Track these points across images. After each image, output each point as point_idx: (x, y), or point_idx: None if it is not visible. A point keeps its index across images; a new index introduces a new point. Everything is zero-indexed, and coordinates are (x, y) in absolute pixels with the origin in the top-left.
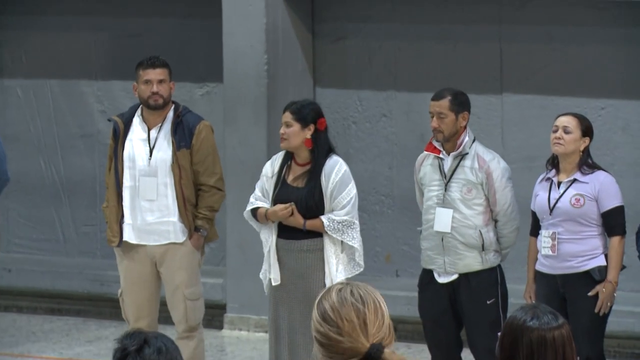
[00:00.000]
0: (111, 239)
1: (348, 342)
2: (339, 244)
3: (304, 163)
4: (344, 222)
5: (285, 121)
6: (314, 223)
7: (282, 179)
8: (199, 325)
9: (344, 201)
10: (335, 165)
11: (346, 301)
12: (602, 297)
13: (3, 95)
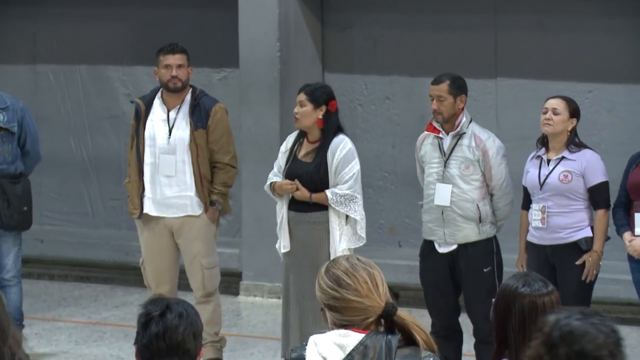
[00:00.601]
0: (132, 211)
1: (367, 302)
2: (343, 217)
3: (315, 141)
4: (347, 195)
5: (299, 101)
6: (319, 196)
7: (294, 154)
8: (216, 291)
9: (346, 176)
10: (340, 142)
11: (357, 266)
12: (589, 266)
13: (36, 80)
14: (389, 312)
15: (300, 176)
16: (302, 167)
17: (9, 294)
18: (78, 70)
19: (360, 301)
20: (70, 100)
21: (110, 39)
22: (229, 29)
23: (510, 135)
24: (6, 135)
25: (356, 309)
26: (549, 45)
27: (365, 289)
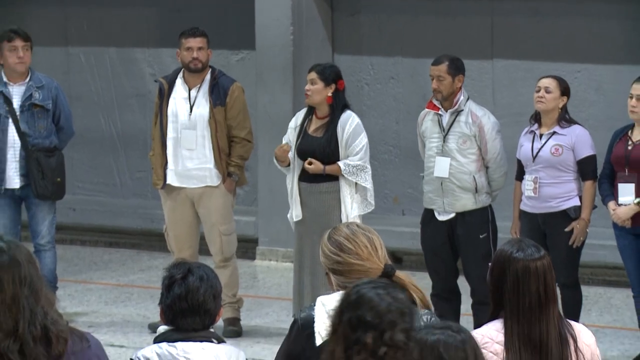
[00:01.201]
0: (156, 182)
1: (368, 264)
2: (353, 185)
3: (324, 116)
4: (358, 166)
5: (310, 79)
6: (333, 168)
7: (304, 130)
8: (233, 256)
9: (357, 148)
10: (348, 118)
11: (357, 232)
12: (576, 232)
13: (68, 61)
14: (388, 272)
15: (314, 150)
16: (314, 142)
17: (44, 258)
18: (107, 52)
19: (361, 264)
20: (100, 79)
21: (137, 23)
22: (246, 14)
23: (505, 112)
24: (41, 112)
25: (358, 271)
26: (541, 29)
27: (366, 252)
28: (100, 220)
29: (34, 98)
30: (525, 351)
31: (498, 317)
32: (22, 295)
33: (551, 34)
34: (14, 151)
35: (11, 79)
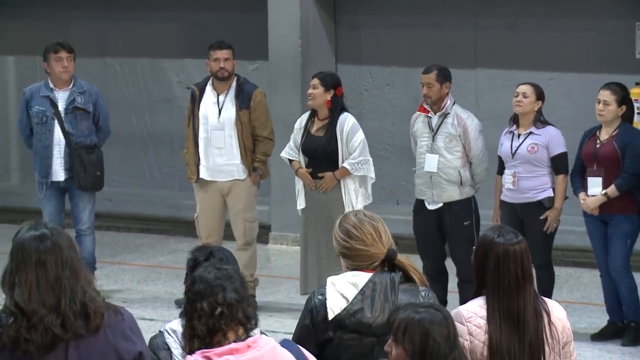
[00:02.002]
0: (190, 177)
1: (372, 250)
2: (357, 180)
3: (324, 118)
4: (361, 161)
5: (313, 84)
6: (342, 172)
7: (308, 130)
8: (254, 241)
9: (355, 144)
10: (346, 119)
11: (363, 221)
12: (550, 220)
13: (105, 70)
14: (390, 257)
15: (316, 148)
16: (316, 141)
17: (84, 243)
18: (139, 63)
19: (366, 249)
20: (132, 86)
21: (165, 37)
22: (261, 29)
23: (487, 115)
24: (83, 114)
25: (363, 255)
26: (518, 42)
27: (370, 239)
28: (133, 209)
29: (76, 102)
30: (504, 324)
31: (481, 294)
32: (63, 276)
33: (527, 46)
34: (59, 148)
35: (57, 85)
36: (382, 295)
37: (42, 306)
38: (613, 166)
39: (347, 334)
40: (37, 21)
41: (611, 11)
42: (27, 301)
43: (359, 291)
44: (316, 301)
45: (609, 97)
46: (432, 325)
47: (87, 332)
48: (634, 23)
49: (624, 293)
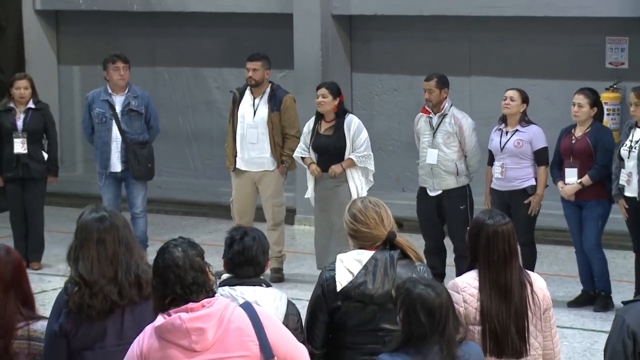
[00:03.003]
0: (228, 166)
1: (375, 232)
2: (360, 171)
3: (331, 120)
4: (365, 155)
5: (322, 94)
6: (348, 163)
7: (316, 131)
8: (282, 222)
9: (361, 141)
10: (352, 119)
11: (368, 207)
12: (533, 204)
13: (155, 77)
14: (391, 238)
15: (327, 146)
16: (326, 139)
17: (138, 224)
18: (184, 71)
19: (369, 232)
20: (178, 91)
21: (206, 49)
22: (287, 43)
23: (480, 115)
24: (136, 115)
25: (367, 236)
26: (506, 53)
27: (373, 223)
28: (179, 196)
29: (131, 105)
30: (494, 293)
31: (474, 268)
32: (120, 251)
33: (513, 57)
34: (117, 144)
35: (114, 91)
36: (382, 270)
37: (102, 277)
38: (587, 159)
39: (352, 303)
40: (98, 36)
41: (584, 28)
42: (89, 273)
43: (363, 267)
44: (327, 275)
45: (582, 100)
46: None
47: (140, 299)
48: (604, 38)
49: (595, 267)
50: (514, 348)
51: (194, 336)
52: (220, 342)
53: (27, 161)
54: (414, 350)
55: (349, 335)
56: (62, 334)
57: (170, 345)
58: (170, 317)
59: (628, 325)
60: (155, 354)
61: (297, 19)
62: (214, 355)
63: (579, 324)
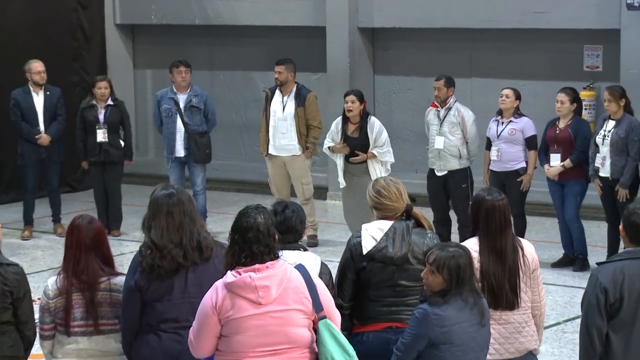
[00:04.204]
0: (262, 152)
1: (396, 204)
2: (380, 163)
3: (355, 123)
4: (385, 150)
5: (351, 100)
6: (371, 155)
7: (345, 133)
8: (311, 197)
9: (382, 140)
10: (374, 122)
11: (390, 184)
12: (524, 182)
13: (213, 79)
14: (408, 210)
15: (355, 146)
16: (354, 140)
17: (198, 199)
18: (236, 74)
19: (392, 204)
20: (231, 90)
21: (254, 55)
22: (321, 50)
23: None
24: (197, 110)
25: (390, 208)
26: (501, 59)
27: (395, 197)
28: (232, 176)
29: (192, 102)
30: (491, 256)
31: (475, 235)
32: (185, 221)
33: (507, 62)
34: (181, 134)
35: (178, 90)
36: (400, 237)
37: (170, 242)
38: (568, 146)
39: (376, 264)
40: (166, 45)
41: (566, 38)
42: (159, 239)
43: (384, 234)
44: (354, 241)
45: (564, 97)
46: (461, 259)
47: (200, 261)
48: (582, 46)
49: (575, 234)
50: (508, 301)
51: (261, 292)
52: (281, 297)
53: (107, 148)
54: (452, 301)
55: (372, 290)
56: (137, 288)
57: (240, 298)
58: (241, 275)
59: (601, 282)
60: (227, 305)
61: (329, 31)
62: (275, 308)
63: (561, 282)
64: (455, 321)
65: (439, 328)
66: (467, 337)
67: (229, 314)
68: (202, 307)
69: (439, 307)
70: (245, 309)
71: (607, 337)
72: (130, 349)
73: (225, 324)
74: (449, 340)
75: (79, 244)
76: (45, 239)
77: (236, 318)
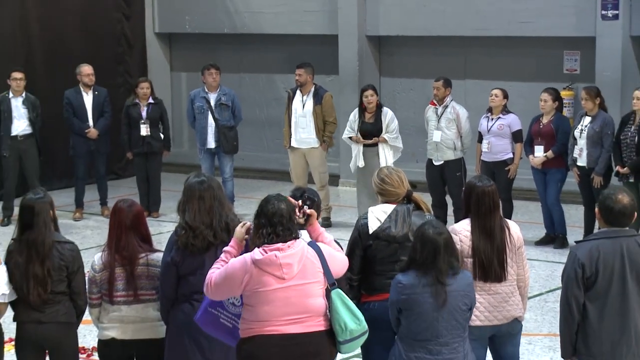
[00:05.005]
0: (285, 144)
1: (398, 190)
2: (389, 147)
3: (372, 112)
4: (395, 136)
5: (370, 94)
6: (382, 139)
7: (362, 120)
8: (326, 184)
9: (394, 127)
10: (387, 111)
11: (392, 172)
12: (511, 171)
13: (240, 80)
14: (409, 195)
15: (371, 131)
16: (370, 126)
17: (227, 185)
18: (260, 77)
19: (394, 190)
20: (256, 91)
21: (276, 60)
22: (334, 55)
23: (473, 107)
24: (225, 108)
25: (392, 194)
26: (492, 63)
27: (397, 183)
28: (257, 165)
29: (221, 100)
30: (481, 235)
31: (467, 217)
32: (215, 205)
33: (497, 65)
34: (211, 128)
35: (209, 90)
36: (401, 218)
37: (201, 224)
38: (550, 139)
39: (380, 242)
40: (199, 51)
41: (548, 44)
42: (192, 220)
43: (388, 216)
44: (362, 222)
45: (547, 96)
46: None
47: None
48: (562, 51)
49: (555, 216)
50: (496, 274)
51: (285, 269)
52: (301, 273)
53: (149, 140)
54: (416, 272)
55: (377, 265)
56: (173, 263)
57: (266, 274)
58: (267, 254)
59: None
60: (254, 279)
61: (341, 38)
62: (297, 282)
63: (543, 257)
64: (415, 291)
65: (401, 295)
66: (427, 306)
67: (255, 287)
68: (232, 273)
69: (403, 275)
70: (271, 284)
71: (584, 306)
72: (167, 316)
73: (252, 295)
74: (409, 307)
75: (120, 224)
76: (94, 220)
77: (263, 291)
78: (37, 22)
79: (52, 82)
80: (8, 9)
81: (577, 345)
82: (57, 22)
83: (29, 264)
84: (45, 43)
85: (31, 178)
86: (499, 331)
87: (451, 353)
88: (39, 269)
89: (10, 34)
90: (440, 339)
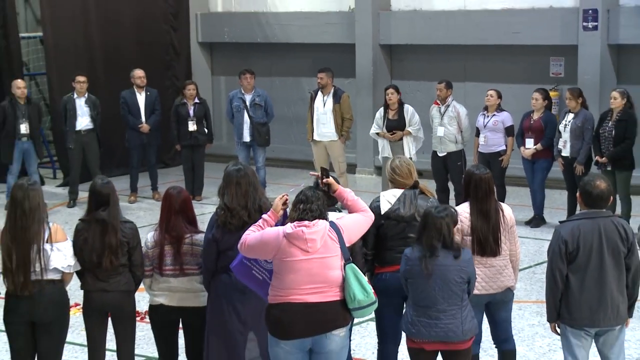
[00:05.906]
0: (309, 138)
1: (406, 180)
2: (412, 138)
3: (394, 109)
4: (417, 128)
5: (392, 92)
6: (407, 132)
7: (387, 117)
8: (345, 171)
9: (415, 121)
10: (409, 108)
11: (402, 163)
12: (505, 161)
13: (271, 83)
14: (415, 184)
15: (395, 126)
16: (394, 122)
17: (260, 173)
18: (288, 80)
19: (403, 180)
20: (285, 91)
21: (301, 65)
22: (351, 61)
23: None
24: (259, 107)
25: (401, 183)
26: (488, 68)
27: (405, 175)
28: (285, 155)
29: (256, 100)
30: (479, 216)
31: (467, 201)
32: (249, 190)
33: (493, 70)
34: (247, 125)
35: (245, 92)
36: (409, 201)
37: (238, 205)
38: (540, 133)
39: (391, 221)
40: (236, 58)
41: (537, 51)
42: (230, 203)
43: (397, 199)
44: (375, 204)
45: (538, 96)
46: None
47: None
48: (548, 57)
49: (537, 199)
50: (491, 250)
51: (310, 243)
52: (323, 247)
53: (196, 135)
54: (417, 247)
55: (388, 241)
56: (213, 240)
57: (293, 246)
58: (296, 229)
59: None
60: (284, 249)
61: (358, 47)
62: (319, 255)
63: (532, 235)
64: (414, 262)
65: (406, 266)
66: (421, 276)
67: (284, 257)
68: (266, 240)
69: (409, 249)
70: (297, 255)
71: (567, 277)
72: (209, 285)
73: (281, 264)
74: (411, 275)
75: (170, 208)
76: (146, 202)
77: (289, 260)
78: (98, 33)
79: (110, 84)
80: (74, 23)
81: (561, 311)
82: (115, 33)
83: (104, 235)
84: (105, 51)
85: (93, 167)
86: (494, 299)
87: (448, 319)
88: (114, 239)
89: (75, 44)
90: (438, 306)
